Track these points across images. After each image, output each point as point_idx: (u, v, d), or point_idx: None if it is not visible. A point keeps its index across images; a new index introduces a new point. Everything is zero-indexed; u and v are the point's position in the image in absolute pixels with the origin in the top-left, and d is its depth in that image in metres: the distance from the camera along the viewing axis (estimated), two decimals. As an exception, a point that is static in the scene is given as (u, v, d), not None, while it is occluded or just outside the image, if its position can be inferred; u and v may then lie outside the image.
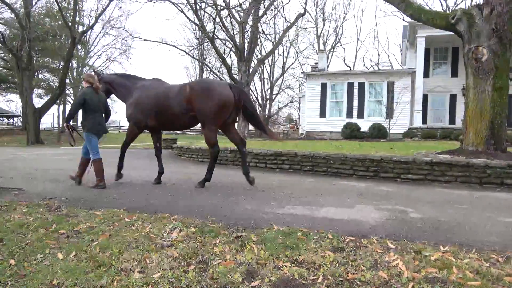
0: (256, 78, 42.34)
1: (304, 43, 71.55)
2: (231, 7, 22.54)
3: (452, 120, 20.53)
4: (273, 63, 45.75)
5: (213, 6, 21.85)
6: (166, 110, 5.93)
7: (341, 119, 20.63)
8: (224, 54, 27.44)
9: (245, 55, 22.64)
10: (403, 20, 34.20)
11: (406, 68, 22.30)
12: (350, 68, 42.04)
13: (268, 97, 46.92)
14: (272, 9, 24.93)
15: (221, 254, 2.84)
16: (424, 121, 20.21)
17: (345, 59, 46.74)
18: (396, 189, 6.05)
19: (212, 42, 22.56)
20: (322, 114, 21.66)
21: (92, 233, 3.32)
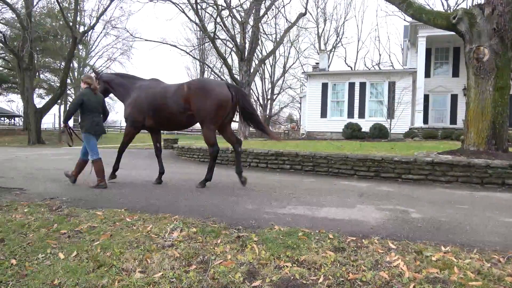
0: (257, 78, 42.39)
1: (305, 43, 71.65)
2: (232, 7, 22.55)
3: (453, 120, 20.51)
4: (274, 63, 45.78)
5: (214, 6, 21.85)
6: (163, 109, 5.94)
7: (342, 119, 20.61)
8: (225, 54, 27.44)
9: (246, 55, 22.64)
10: (404, 20, 34.17)
11: (407, 68, 22.28)
12: (351, 68, 42.04)
13: (269, 97, 46.93)
14: (273, 9, 24.93)
15: (222, 254, 2.84)
16: (425, 121, 20.19)
17: (346, 59, 46.82)
18: (397, 189, 6.04)
19: (213, 42, 22.56)
20: (323, 114, 21.65)
21: (93, 233, 3.32)
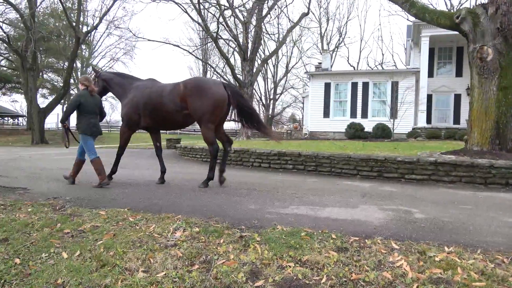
0: (260, 78, 42.39)
1: (308, 43, 71.47)
2: (235, 7, 22.57)
3: (457, 120, 20.44)
4: (276, 63, 45.78)
5: (217, 6, 21.88)
6: (159, 108, 5.96)
7: (344, 119, 20.57)
8: (227, 54, 27.42)
9: (248, 55, 22.64)
10: (407, 19, 34.11)
11: (410, 68, 22.20)
12: (354, 68, 41.97)
13: (271, 97, 46.94)
14: (275, 9, 24.94)
15: (224, 254, 2.84)
16: (429, 121, 20.13)
17: (348, 59, 46.63)
18: (400, 189, 6.03)
19: (215, 42, 22.57)
20: (326, 114, 21.62)
21: (96, 233, 3.33)
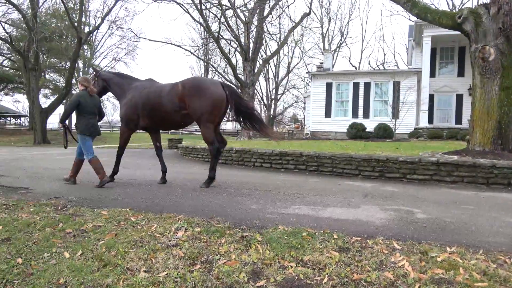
0: (261, 78, 42.43)
1: (310, 43, 71.56)
2: (236, 7, 22.57)
3: (459, 120, 20.40)
4: (278, 63, 45.80)
5: (218, 6, 21.89)
6: (158, 108, 5.97)
7: (346, 119, 20.55)
8: (229, 54, 27.45)
9: (250, 55, 22.64)
10: (409, 19, 34.07)
11: (412, 68, 22.17)
12: (356, 68, 41.93)
13: (273, 97, 46.96)
14: (277, 9, 24.92)
15: (226, 254, 2.85)
16: (430, 121, 20.10)
17: (350, 59, 46.71)
18: (402, 190, 6.02)
19: (217, 42, 22.58)
20: (328, 114, 21.60)
21: (98, 232, 3.34)
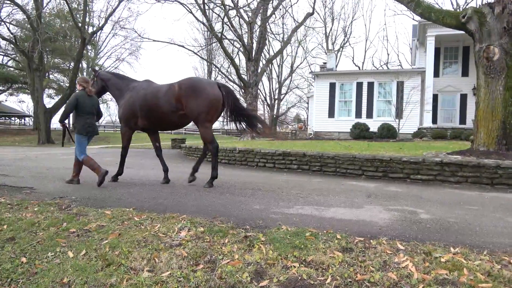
0: (265, 78, 42.42)
1: (313, 43, 71.46)
2: (240, 7, 22.57)
3: (463, 120, 20.29)
4: (281, 63, 45.80)
5: (222, 6, 21.89)
6: (155, 109, 5.99)
7: (349, 119, 20.50)
8: (232, 54, 27.49)
9: (253, 55, 22.64)
10: (413, 19, 33.90)
11: (416, 68, 22.07)
12: (359, 67, 41.83)
13: (276, 97, 46.94)
14: (280, 9, 24.94)
15: (229, 253, 2.85)
16: (434, 121, 20.00)
17: (354, 58, 46.69)
18: (406, 190, 6.00)
19: (220, 42, 22.60)
20: (331, 114, 21.55)
21: (101, 232, 3.35)
